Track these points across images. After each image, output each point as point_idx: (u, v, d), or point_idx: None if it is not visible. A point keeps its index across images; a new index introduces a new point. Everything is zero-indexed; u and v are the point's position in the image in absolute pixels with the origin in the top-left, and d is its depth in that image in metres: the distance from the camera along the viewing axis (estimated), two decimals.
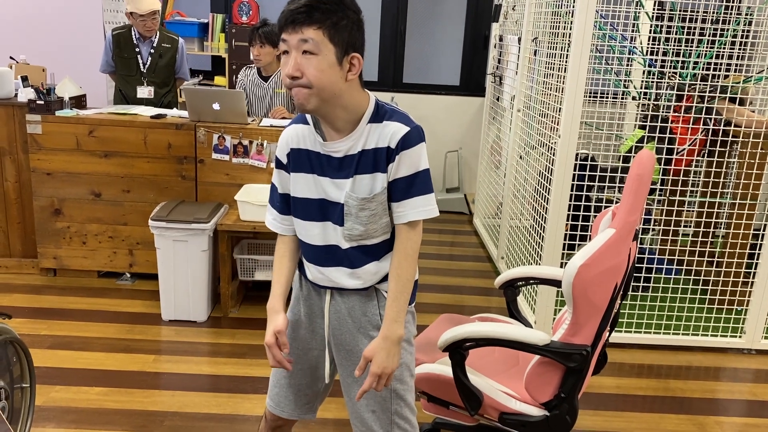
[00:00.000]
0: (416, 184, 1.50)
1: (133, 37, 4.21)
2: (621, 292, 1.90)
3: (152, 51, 4.26)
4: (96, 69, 4.36)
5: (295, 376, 1.73)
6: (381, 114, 1.51)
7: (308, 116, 1.57)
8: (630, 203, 1.78)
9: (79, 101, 3.92)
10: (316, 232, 1.57)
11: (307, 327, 1.71)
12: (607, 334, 1.97)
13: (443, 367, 1.95)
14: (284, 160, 1.60)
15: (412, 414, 1.69)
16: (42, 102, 3.60)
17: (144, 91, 4.29)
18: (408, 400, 1.68)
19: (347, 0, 1.43)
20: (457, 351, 1.84)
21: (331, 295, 1.64)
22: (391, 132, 1.49)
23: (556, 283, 2.24)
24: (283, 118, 3.90)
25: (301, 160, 1.56)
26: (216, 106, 3.60)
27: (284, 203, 1.64)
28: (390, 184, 1.51)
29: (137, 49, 4.23)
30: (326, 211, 1.56)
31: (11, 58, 4.22)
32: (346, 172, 1.51)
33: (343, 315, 1.64)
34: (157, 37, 4.25)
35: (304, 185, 1.57)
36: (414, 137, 1.49)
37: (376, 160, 1.50)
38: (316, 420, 2.51)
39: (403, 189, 1.51)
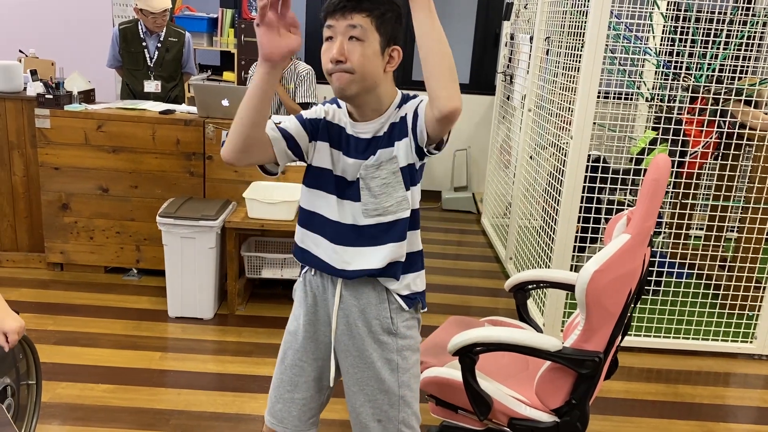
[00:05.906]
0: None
1: (140, 31, 4.20)
2: (635, 298, 1.87)
3: (159, 45, 4.24)
4: (105, 63, 4.35)
5: (300, 390, 1.69)
6: (405, 100, 1.56)
7: (340, 102, 1.58)
8: (645, 208, 1.74)
9: (87, 96, 3.90)
10: (333, 208, 1.57)
11: (311, 336, 1.67)
12: (620, 339, 1.94)
13: (452, 371, 1.92)
14: (309, 124, 1.58)
15: (417, 422, 1.67)
16: (51, 96, 3.58)
17: (151, 86, 4.28)
18: (414, 408, 1.66)
19: None
20: (468, 355, 1.82)
21: (341, 298, 1.60)
22: (407, 107, 1.53)
23: (568, 287, 2.21)
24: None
25: (331, 134, 1.58)
26: (225, 102, 3.58)
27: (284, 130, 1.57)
28: (413, 127, 1.49)
29: (144, 44, 4.22)
30: (343, 189, 1.56)
31: (20, 51, 4.21)
32: (371, 153, 1.54)
33: (353, 318, 1.61)
34: (164, 31, 4.24)
35: (327, 157, 1.58)
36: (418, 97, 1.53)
37: (392, 134, 1.53)
38: (321, 420, 2.49)
39: (416, 113, 1.48)
